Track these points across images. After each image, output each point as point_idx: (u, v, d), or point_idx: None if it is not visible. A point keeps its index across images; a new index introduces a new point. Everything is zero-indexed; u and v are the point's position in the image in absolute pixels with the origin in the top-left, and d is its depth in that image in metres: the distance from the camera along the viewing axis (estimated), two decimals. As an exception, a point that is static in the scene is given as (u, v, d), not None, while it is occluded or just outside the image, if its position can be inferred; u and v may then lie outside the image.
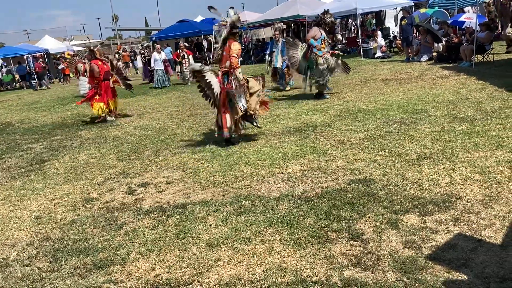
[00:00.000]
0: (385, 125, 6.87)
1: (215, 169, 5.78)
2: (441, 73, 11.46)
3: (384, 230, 3.57)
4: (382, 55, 16.95)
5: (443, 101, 8.01)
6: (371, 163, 5.22)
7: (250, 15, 25.74)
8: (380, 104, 8.45)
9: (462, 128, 6.16)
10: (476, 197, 3.98)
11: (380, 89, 10.17)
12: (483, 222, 3.52)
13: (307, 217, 3.98)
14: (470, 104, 7.50)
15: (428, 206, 3.90)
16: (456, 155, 5.11)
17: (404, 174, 4.74)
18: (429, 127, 6.40)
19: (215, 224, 4.10)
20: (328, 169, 5.24)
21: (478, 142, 5.45)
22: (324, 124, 7.45)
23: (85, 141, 8.65)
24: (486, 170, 4.56)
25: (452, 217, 3.66)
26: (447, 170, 4.69)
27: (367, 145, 5.97)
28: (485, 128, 5.99)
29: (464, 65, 11.98)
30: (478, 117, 6.60)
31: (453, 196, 4.05)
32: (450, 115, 6.97)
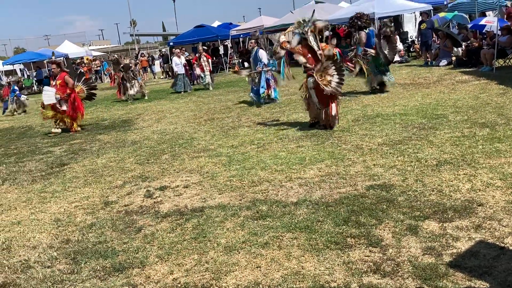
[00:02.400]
0: (404, 130, 6.80)
1: (232, 173, 5.79)
2: (460, 77, 11.31)
3: (403, 237, 3.53)
4: (401, 59, 16.80)
5: (462, 106, 7.90)
6: (390, 169, 5.17)
7: (267, 19, 25.77)
8: (399, 109, 8.37)
9: (483, 133, 6.06)
10: (498, 204, 3.90)
11: (398, 94, 10.09)
12: (506, 229, 3.45)
13: (325, 223, 3.95)
14: (491, 109, 7.39)
15: (448, 213, 3.84)
16: (477, 161, 5.03)
17: (424, 180, 4.68)
18: (449, 133, 6.32)
19: (232, 228, 4.10)
20: (346, 174, 5.20)
21: (500, 148, 5.36)
22: (342, 129, 7.41)
23: (104, 144, 8.75)
24: (508, 176, 4.48)
25: (474, 224, 3.60)
26: (467, 176, 4.62)
27: (385, 150, 5.91)
28: (507, 134, 5.88)
29: (485, 70, 11.81)
30: (500, 123, 6.49)
31: (474, 203, 3.98)
32: (470, 120, 6.87)
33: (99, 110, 14.60)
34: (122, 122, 11.48)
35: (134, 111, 13.23)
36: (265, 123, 8.75)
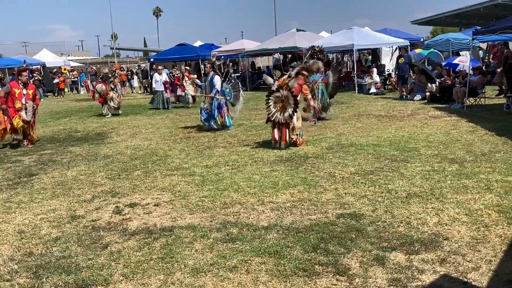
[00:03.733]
0: (377, 161, 6.92)
1: (204, 193, 5.76)
2: (433, 113, 11.64)
3: (370, 267, 3.56)
4: (377, 91, 17.20)
5: (434, 141, 8.11)
6: (360, 198, 5.24)
7: (248, 43, 26.09)
8: (372, 140, 8.53)
9: (452, 169, 6.23)
10: (463, 239, 3.99)
11: (373, 125, 10.29)
12: (470, 264, 3.52)
13: (294, 249, 3.96)
14: (461, 146, 7.60)
15: (415, 245, 3.91)
16: (445, 196, 5.15)
17: (393, 211, 4.75)
18: (420, 166, 6.46)
19: (201, 250, 4.06)
20: (318, 201, 5.24)
21: (467, 184, 5.51)
22: (316, 156, 7.49)
23: (75, 157, 8.60)
24: (474, 212, 4.60)
25: (439, 257, 3.66)
26: (435, 210, 4.72)
27: (357, 179, 6.00)
28: (475, 171, 6.06)
29: (456, 107, 12.19)
30: (468, 159, 6.68)
31: (440, 236, 4.06)
32: (440, 155, 7.05)
33: (73, 122, 14.38)
34: (95, 135, 11.33)
35: (108, 125, 13.08)
36: (241, 145, 8.78)
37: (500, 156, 6.74)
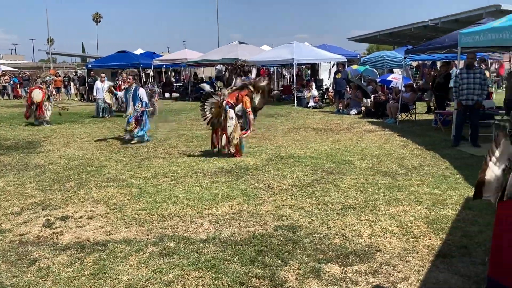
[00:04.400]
0: (314, 173, 7.08)
1: (141, 206, 5.61)
2: (368, 127, 12.11)
3: (306, 279, 3.62)
4: (315, 105, 17.67)
5: (368, 154, 8.43)
6: (298, 210, 5.33)
7: (191, 53, 25.98)
8: (310, 152, 8.73)
9: (384, 181, 6.49)
10: (394, 250, 4.16)
11: (311, 138, 10.54)
12: (400, 275, 3.67)
13: (232, 262, 3.95)
14: (393, 159, 7.96)
15: (349, 257, 4.02)
16: (378, 208, 5.35)
17: (329, 223, 4.87)
18: (355, 179, 6.68)
19: (136, 265, 3.95)
20: (256, 213, 5.27)
21: (399, 197, 5.76)
22: (256, 167, 7.54)
23: (4, 166, 8.11)
24: (404, 224, 4.81)
25: (372, 268, 3.79)
26: (369, 222, 4.89)
27: (295, 191, 6.10)
28: (406, 184, 6.35)
29: (389, 122, 12.76)
30: (400, 172, 7.00)
31: (373, 248, 4.21)
32: (374, 168, 7.34)
33: (2, 129, 13.56)
34: (26, 143, 10.75)
35: (41, 133, 12.46)
36: (181, 156, 8.67)
37: (428, 170, 7.12)
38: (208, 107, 8.41)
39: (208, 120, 8.44)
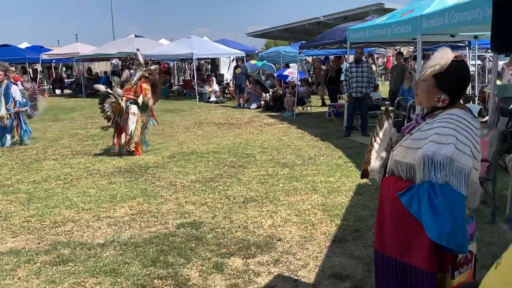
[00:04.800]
0: (216, 167, 7.10)
1: (31, 213, 5.20)
2: (267, 120, 12.42)
3: (210, 275, 3.61)
4: (216, 99, 17.72)
5: (268, 147, 8.65)
6: (201, 206, 5.30)
7: (83, 47, 24.57)
8: (213, 147, 8.73)
9: (284, 172, 6.70)
10: (294, 239, 4.31)
11: (213, 133, 10.54)
12: (300, 262, 3.81)
13: (132, 265, 3.81)
14: (291, 151, 8.24)
15: (252, 249, 4.09)
16: (278, 198, 5.51)
17: (232, 217, 4.91)
18: (256, 171, 6.81)
19: (25, 277, 3.64)
20: (158, 212, 5.14)
21: (297, 186, 5.98)
22: (157, 165, 7.36)
23: None
24: (303, 212, 5.01)
25: (273, 258, 3.89)
26: (270, 213, 5.01)
27: (198, 187, 6.06)
28: (303, 174, 6.61)
29: (287, 115, 13.21)
30: (298, 163, 7.27)
31: (274, 238, 4.32)
32: (274, 160, 7.54)
33: None
34: None
35: None
36: (75, 157, 8.17)
37: (323, 159, 7.49)
38: (108, 107, 7.99)
39: (112, 120, 8.03)
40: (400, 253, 2.16)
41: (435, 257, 2.03)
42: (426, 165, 1.97)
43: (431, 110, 2.17)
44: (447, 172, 1.93)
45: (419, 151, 2.03)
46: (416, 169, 2.04)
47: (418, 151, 2.04)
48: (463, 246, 1.96)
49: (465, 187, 1.95)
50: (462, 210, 1.97)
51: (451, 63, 2.06)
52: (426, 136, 2.05)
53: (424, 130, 2.09)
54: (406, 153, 2.13)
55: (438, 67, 2.06)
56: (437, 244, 1.97)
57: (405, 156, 2.13)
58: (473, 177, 2.02)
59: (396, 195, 2.11)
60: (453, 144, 1.95)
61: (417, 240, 2.06)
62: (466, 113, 2.07)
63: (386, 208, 2.22)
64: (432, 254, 2.02)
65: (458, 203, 1.95)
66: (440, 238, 1.93)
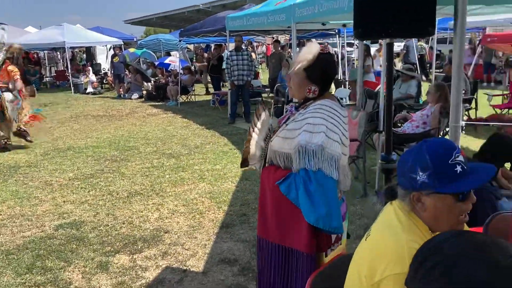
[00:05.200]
0: (97, 163, 6.74)
1: None
2: (150, 111, 12.10)
3: (94, 275, 3.43)
4: (94, 90, 16.76)
5: (152, 138, 8.43)
6: (81, 204, 5.00)
7: None
8: (92, 141, 8.27)
9: (169, 163, 6.59)
10: (182, 229, 4.27)
11: (91, 126, 9.98)
12: (188, 252, 3.79)
13: (4, 274, 3.47)
14: (177, 141, 8.14)
15: (138, 244, 3.97)
16: (164, 190, 5.41)
17: (115, 213, 4.71)
18: (140, 164, 6.61)
19: None
20: (32, 215, 4.74)
21: (184, 176, 5.93)
22: (29, 164, 6.76)
23: None
24: (190, 202, 4.98)
25: (161, 251, 3.82)
26: (156, 205, 4.90)
27: (77, 185, 5.70)
28: (190, 163, 6.57)
29: (171, 104, 12.99)
30: (184, 153, 7.21)
31: (161, 231, 4.24)
32: (159, 151, 7.38)
33: None
34: None
35: None
36: None
37: (209, 148, 7.52)
38: None
39: None
40: (282, 238, 2.26)
41: (313, 239, 2.15)
42: (301, 154, 2.08)
43: (303, 101, 2.28)
44: (319, 160, 2.05)
45: (294, 141, 2.13)
46: (292, 158, 2.14)
47: (293, 141, 2.13)
48: (338, 227, 2.11)
49: (336, 172, 2.09)
50: (335, 194, 2.11)
51: (318, 56, 2.18)
52: (299, 126, 2.15)
53: (298, 121, 2.19)
54: (283, 143, 2.22)
55: (306, 62, 2.16)
56: (314, 227, 2.09)
57: (282, 146, 2.22)
58: (343, 162, 2.18)
59: (275, 183, 2.20)
60: (323, 133, 2.07)
61: (296, 225, 2.17)
62: (334, 103, 2.21)
63: (267, 196, 2.30)
64: (310, 237, 2.14)
65: (331, 187, 2.09)
66: (317, 221, 2.05)
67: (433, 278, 0.87)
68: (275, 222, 2.27)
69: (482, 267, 0.84)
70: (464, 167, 1.36)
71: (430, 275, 0.88)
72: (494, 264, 0.84)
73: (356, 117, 5.32)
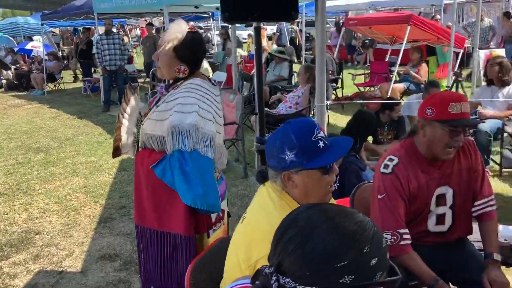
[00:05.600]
0: (-51, 164, 5.95)
1: None
2: (12, 101, 10.99)
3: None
4: None
5: (16, 132, 7.68)
6: None
7: None
8: None
9: (38, 158, 6.07)
10: (55, 228, 3.98)
11: None
12: (63, 252, 3.55)
13: None
14: (45, 133, 7.51)
15: (4, 249, 3.60)
16: (33, 188, 4.98)
17: (-25, 219, 4.22)
18: (2, 161, 5.99)
19: None
20: None
21: (54, 171, 5.51)
22: None
23: None
24: (63, 198, 4.65)
25: (32, 255, 3.51)
26: (24, 205, 4.50)
27: None
28: (61, 157, 6.12)
29: (37, 94, 11.93)
30: (54, 146, 6.68)
31: (31, 232, 3.90)
32: (24, 146, 6.75)
33: None
34: None
35: None
36: None
37: (83, 139, 7.07)
38: None
39: None
40: (160, 223, 2.20)
41: (192, 221, 2.14)
42: (174, 135, 2.03)
43: (174, 81, 2.22)
44: (194, 140, 2.03)
45: (166, 122, 2.07)
46: (166, 140, 2.09)
47: (165, 122, 2.08)
48: (215, 205, 2.11)
49: (212, 150, 2.09)
50: (211, 173, 2.11)
51: (187, 35, 2.13)
52: (170, 107, 2.10)
53: (169, 101, 2.13)
54: (155, 126, 2.15)
55: (176, 41, 2.11)
56: (192, 208, 2.07)
57: (154, 128, 2.15)
58: (218, 140, 2.18)
59: (150, 167, 2.13)
60: (196, 112, 2.05)
61: (174, 208, 2.13)
62: (205, 82, 2.20)
63: (142, 181, 2.22)
64: (189, 219, 2.12)
65: (207, 166, 2.08)
66: (194, 201, 2.03)
67: (290, 251, 0.91)
68: (152, 207, 2.20)
69: (333, 236, 0.90)
70: (326, 142, 1.45)
71: (288, 248, 0.92)
72: (342, 231, 0.90)
73: (233, 100, 5.39)
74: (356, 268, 0.88)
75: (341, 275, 0.87)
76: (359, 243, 0.89)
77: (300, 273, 0.90)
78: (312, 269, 0.88)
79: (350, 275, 0.87)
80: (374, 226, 0.93)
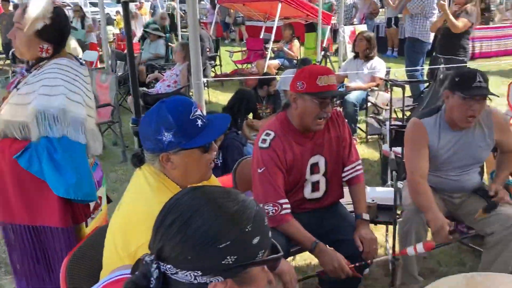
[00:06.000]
0: None
1: None
2: None
3: None
4: None
5: None
6: None
7: None
8: None
9: None
10: None
11: None
12: None
13: None
14: None
15: None
16: None
17: None
18: None
19: None
20: None
21: None
22: None
23: None
24: None
25: None
26: None
27: None
28: None
29: None
30: None
31: None
32: None
33: None
34: None
35: None
36: None
37: None
38: None
39: None
40: (31, 218, 2.02)
41: (67, 210, 1.99)
42: (39, 121, 1.86)
43: (36, 61, 2.02)
44: (62, 125, 1.88)
45: (29, 107, 1.88)
46: (29, 127, 1.90)
47: (28, 107, 1.89)
48: (91, 194, 1.99)
49: (83, 135, 1.95)
50: (84, 160, 1.98)
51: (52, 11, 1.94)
52: (33, 89, 1.91)
53: (31, 83, 1.94)
54: (16, 111, 1.94)
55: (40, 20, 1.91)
56: (66, 199, 1.93)
57: (15, 114, 1.94)
58: (90, 124, 2.03)
59: (13, 158, 1.93)
60: (63, 95, 1.89)
61: (45, 200, 1.96)
62: (72, 62, 2.03)
63: (6, 174, 2.00)
64: (63, 209, 1.97)
65: (79, 153, 1.94)
66: (67, 192, 1.89)
67: (171, 236, 0.88)
68: (20, 201, 1.99)
69: (215, 217, 0.88)
70: (204, 120, 1.44)
71: (169, 233, 0.89)
72: (223, 212, 0.90)
73: (106, 81, 5.12)
74: (239, 247, 0.87)
75: (224, 256, 0.86)
76: (241, 223, 0.89)
77: (181, 257, 0.87)
78: (195, 252, 0.86)
79: (232, 256, 0.87)
80: (256, 205, 0.94)
